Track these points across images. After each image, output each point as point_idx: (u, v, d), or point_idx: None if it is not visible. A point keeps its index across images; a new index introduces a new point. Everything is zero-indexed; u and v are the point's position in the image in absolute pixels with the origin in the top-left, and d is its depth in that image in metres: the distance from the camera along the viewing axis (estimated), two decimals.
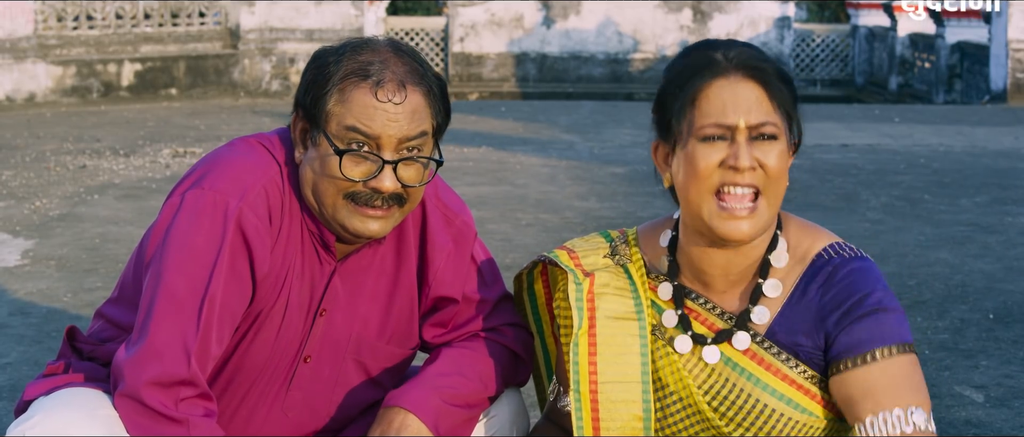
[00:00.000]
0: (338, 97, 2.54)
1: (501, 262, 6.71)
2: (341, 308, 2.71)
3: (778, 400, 2.51)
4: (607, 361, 2.55)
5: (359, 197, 2.57)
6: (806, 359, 2.50)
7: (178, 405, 2.47)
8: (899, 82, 23.97)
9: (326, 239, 2.64)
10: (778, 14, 24.83)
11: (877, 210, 8.59)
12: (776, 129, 2.45)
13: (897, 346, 2.45)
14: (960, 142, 12.60)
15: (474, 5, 24.68)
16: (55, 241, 7.32)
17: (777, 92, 2.46)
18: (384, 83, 2.54)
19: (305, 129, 2.60)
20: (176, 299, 2.50)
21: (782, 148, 2.46)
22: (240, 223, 2.53)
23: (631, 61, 24.83)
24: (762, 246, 2.54)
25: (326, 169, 2.56)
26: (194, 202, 2.54)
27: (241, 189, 2.55)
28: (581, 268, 2.62)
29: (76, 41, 16.87)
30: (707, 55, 2.50)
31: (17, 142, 12.03)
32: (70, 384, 2.64)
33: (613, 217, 7.95)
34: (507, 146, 11.97)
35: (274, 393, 2.72)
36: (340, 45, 2.61)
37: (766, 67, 2.47)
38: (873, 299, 2.47)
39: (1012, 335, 5.41)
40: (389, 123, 2.55)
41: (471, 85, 24.44)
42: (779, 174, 2.46)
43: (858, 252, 2.54)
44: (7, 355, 4.99)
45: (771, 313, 2.52)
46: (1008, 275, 6.56)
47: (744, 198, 2.45)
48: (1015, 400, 4.57)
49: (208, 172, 2.58)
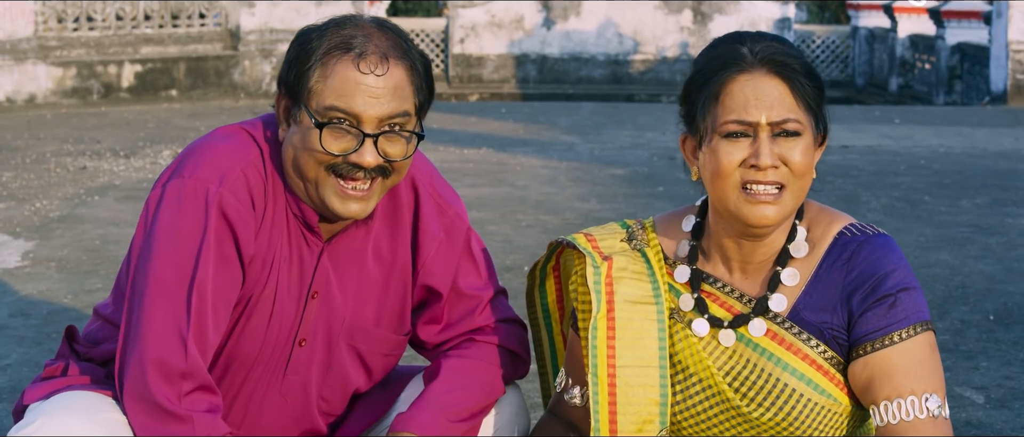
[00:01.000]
0: (321, 73, 2.53)
1: (501, 263, 6.71)
2: (333, 291, 2.70)
3: (799, 381, 2.52)
4: (625, 345, 2.56)
5: (340, 169, 2.55)
6: (830, 338, 2.52)
7: (182, 400, 2.47)
8: (899, 83, 23.97)
9: (309, 220, 2.63)
10: (778, 15, 24.82)
11: (877, 211, 8.59)
12: (800, 125, 2.46)
13: (914, 326, 2.49)
14: (960, 143, 12.60)
15: (474, 6, 24.67)
16: (55, 242, 7.32)
17: (800, 87, 2.46)
18: (366, 55, 2.52)
19: (288, 106, 2.59)
20: (165, 288, 2.50)
21: (806, 144, 2.47)
22: (222, 207, 2.52)
23: (631, 62, 24.82)
24: (780, 235, 2.56)
25: (307, 143, 2.54)
26: (175, 191, 2.54)
27: (220, 174, 2.54)
28: (599, 251, 2.63)
29: (76, 42, 16.87)
30: (733, 49, 2.50)
31: (17, 143, 12.02)
32: (69, 387, 2.64)
33: (614, 218, 7.87)
34: (507, 147, 11.97)
35: (271, 378, 2.71)
36: (324, 22, 2.60)
37: (791, 62, 2.47)
38: (893, 280, 2.49)
39: (1012, 336, 5.41)
40: (370, 101, 2.52)
41: (471, 86, 24.44)
42: (804, 170, 2.47)
43: (878, 230, 2.56)
44: (7, 356, 4.98)
45: (788, 300, 2.54)
46: (1008, 276, 6.56)
47: (767, 194, 2.47)
48: (1015, 401, 4.57)
49: (186, 161, 2.58)
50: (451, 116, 14.74)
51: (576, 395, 2.71)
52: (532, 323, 2.87)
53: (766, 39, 2.51)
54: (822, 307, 2.52)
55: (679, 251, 2.65)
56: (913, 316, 2.49)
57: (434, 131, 12.23)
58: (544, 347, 2.90)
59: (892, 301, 2.48)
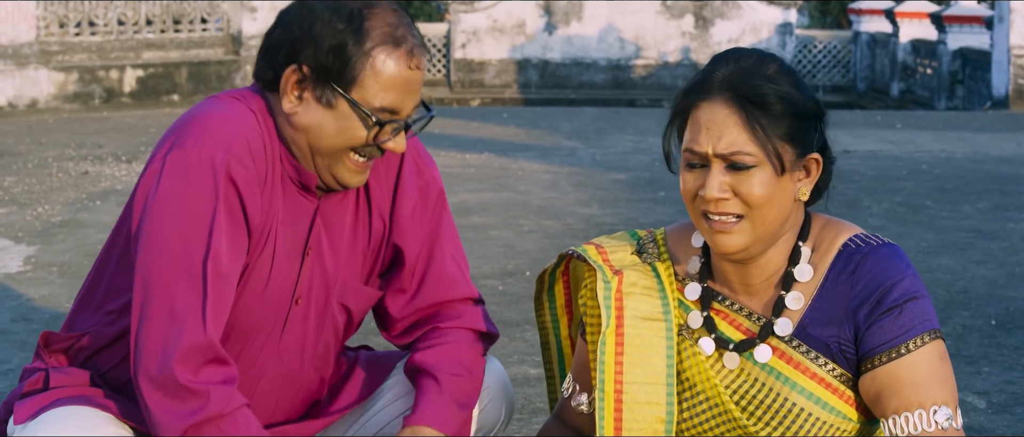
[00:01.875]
0: (371, 67, 2.55)
1: (503, 268, 6.71)
2: (324, 248, 2.71)
3: (808, 400, 2.50)
4: (634, 361, 2.54)
5: (364, 151, 2.60)
6: (837, 352, 2.49)
7: (198, 374, 2.45)
8: (901, 88, 23.98)
9: (306, 181, 2.64)
10: (780, 20, 24.83)
11: (879, 216, 8.59)
12: (752, 158, 2.40)
13: (921, 336, 2.45)
14: (962, 148, 12.60)
15: (476, 11, 24.69)
16: (57, 247, 7.32)
17: (757, 117, 2.40)
18: (414, 51, 2.58)
19: (301, 81, 2.57)
20: (179, 264, 2.47)
21: (764, 177, 2.42)
22: (230, 175, 2.50)
23: (633, 67, 24.84)
24: (777, 259, 2.53)
25: (345, 130, 2.57)
26: (180, 163, 2.50)
27: (224, 141, 2.52)
28: (610, 264, 2.61)
29: (78, 47, 16.88)
30: (706, 72, 2.48)
31: (19, 148, 12.03)
32: (56, 401, 2.61)
33: (616, 223, 7.95)
34: (509, 152, 11.97)
35: (269, 339, 2.71)
36: (342, 5, 2.58)
37: (751, 91, 2.41)
38: (898, 290, 2.46)
39: (1014, 341, 5.41)
40: (412, 95, 2.60)
41: (473, 91, 24.45)
42: (761, 202, 2.42)
43: (883, 239, 2.53)
44: (8, 361, 4.99)
45: (793, 324, 2.51)
46: (1010, 281, 6.56)
47: (724, 223, 2.44)
48: (1017, 406, 4.57)
49: (186, 131, 2.54)
50: (453, 121, 14.74)
51: (583, 402, 2.71)
52: (540, 327, 2.88)
53: (744, 61, 2.46)
54: (828, 321, 2.49)
55: (689, 267, 2.62)
56: (920, 326, 2.45)
57: (436, 136, 12.24)
58: (552, 351, 2.90)
59: (898, 312, 2.45)
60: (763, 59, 2.47)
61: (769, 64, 2.46)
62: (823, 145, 2.54)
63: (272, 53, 2.60)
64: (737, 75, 2.43)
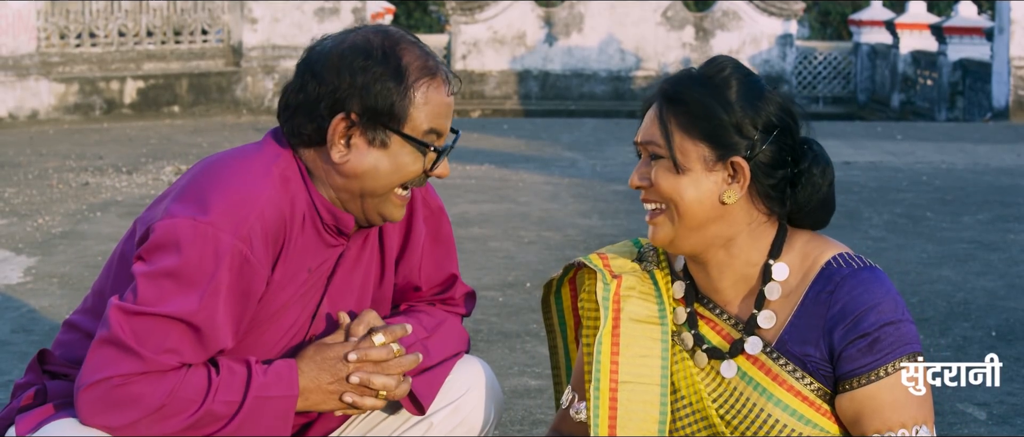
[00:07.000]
0: (418, 98, 2.62)
1: (503, 280, 6.71)
2: (343, 288, 2.76)
3: (785, 413, 2.53)
4: (629, 361, 2.60)
5: (411, 183, 2.68)
6: (814, 370, 2.52)
7: (154, 351, 2.48)
8: (901, 99, 23.99)
9: (343, 226, 2.68)
10: (780, 32, 24.84)
11: (879, 227, 8.59)
12: (659, 149, 2.55)
13: (901, 359, 2.48)
14: (962, 159, 12.60)
15: (477, 23, 24.71)
16: (58, 258, 7.32)
17: (670, 113, 2.55)
18: (449, 78, 2.68)
19: (348, 130, 2.60)
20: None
21: (664, 168, 2.54)
22: (236, 258, 2.52)
23: (633, 78, 24.84)
24: (737, 265, 2.59)
25: (401, 165, 2.63)
26: (187, 233, 2.51)
27: (235, 221, 2.52)
28: (610, 269, 2.69)
29: (79, 58, 16.89)
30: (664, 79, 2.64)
31: (20, 159, 12.04)
32: (60, 412, 2.61)
33: (616, 235, 7.94)
34: (509, 164, 11.98)
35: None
36: (370, 47, 2.62)
37: (673, 92, 2.56)
38: (874, 316, 2.49)
39: (1015, 353, 5.41)
40: (450, 118, 2.69)
41: (474, 103, 24.46)
42: (669, 193, 2.54)
43: (866, 262, 2.55)
44: (9, 372, 4.99)
45: (777, 318, 2.55)
46: (1010, 293, 6.56)
47: (650, 213, 2.59)
48: (1017, 417, 4.56)
49: (201, 198, 2.55)
50: None
51: (582, 411, 2.74)
52: (548, 330, 2.93)
53: (707, 67, 2.59)
54: (805, 340, 2.52)
55: (676, 264, 2.70)
56: (899, 350, 2.48)
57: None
58: (559, 355, 2.94)
59: (873, 338, 2.48)
60: (722, 67, 2.57)
61: (721, 72, 2.57)
62: (784, 158, 2.57)
63: (311, 107, 2.61)
64: (677, 78, 2.60)
